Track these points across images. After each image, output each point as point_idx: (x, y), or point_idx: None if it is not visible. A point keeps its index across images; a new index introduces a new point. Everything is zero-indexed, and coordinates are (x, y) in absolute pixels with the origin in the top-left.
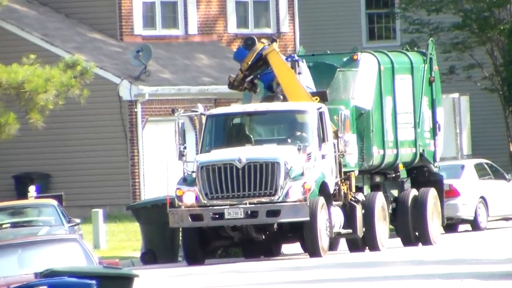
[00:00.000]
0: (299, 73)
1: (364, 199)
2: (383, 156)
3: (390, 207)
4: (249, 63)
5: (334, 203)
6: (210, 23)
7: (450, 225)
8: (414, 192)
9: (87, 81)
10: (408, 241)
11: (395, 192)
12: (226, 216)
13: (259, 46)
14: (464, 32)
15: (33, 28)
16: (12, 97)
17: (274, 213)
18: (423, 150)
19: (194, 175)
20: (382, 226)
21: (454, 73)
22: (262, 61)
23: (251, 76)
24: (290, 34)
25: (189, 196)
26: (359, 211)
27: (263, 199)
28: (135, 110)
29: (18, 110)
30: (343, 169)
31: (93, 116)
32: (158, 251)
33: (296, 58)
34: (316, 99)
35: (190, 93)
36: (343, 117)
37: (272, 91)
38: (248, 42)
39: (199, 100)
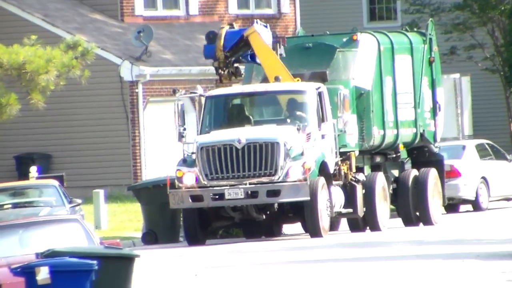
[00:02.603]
0: (280, 55)
1: (364, 179)
2: (383, 137)
3: (391, 188)
4: (221, 48)
5: (334, 183)
6: (211, 3)
7: (451, 206)
8: (414, 172)
9: (88, 62)
10: (409, 221)
11: (395, 173)
12: (226, 197)
13: (222, 31)
14: (465, 13)
15: (34, 9)
16: (13, 77)
17: (274, 193)
18: (423, 130)
19: (194, 156)
20: (383, 206)
21: (455, 54)
22: (243, 43)
23: (233, 58)
24: (291, 15)
25: (189, 177)
26: (360, 191)
27: (263, 179)
28: (136, 90)
29: (19, 91)
30: (344, 149)
31: (94, 96)
32: (159, 231)
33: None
34: (298, 79)
35: (191, 74)
36: (342, 97)
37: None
38: (210, 36)
39: (200, 80)
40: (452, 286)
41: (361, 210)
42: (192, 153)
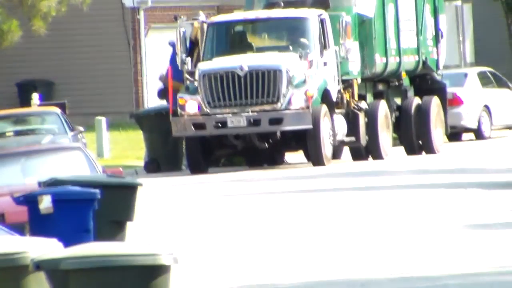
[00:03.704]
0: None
1: (367, 107)
2: (386, 64)
3: (394, 116)
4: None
5: (336, 111)
6: None
7: (454, 134)
8: (417, 100)
9: None
10: (411, 150)
11: (398, 100)
12: (229, 125)
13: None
14: None
15: None
16: (15, 4)
17: (277, 121)
18: (425, 58)
19: (196, 83)
20: (385, 135)
21: None
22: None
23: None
24: None
25: (192, 105)
26: (362, 119)
27: (266, 107)
28: (138, 17)
29: (20, 17)
30: (346, 77)
31: (95, 23)
32: (161, 159)
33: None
34: None
35: (193, 0)
36: (344, 24)
37: None
38: (161, 94)
39: (202, 7)
40: (455, 214)
41: (363, 138)
42: (194, 80)
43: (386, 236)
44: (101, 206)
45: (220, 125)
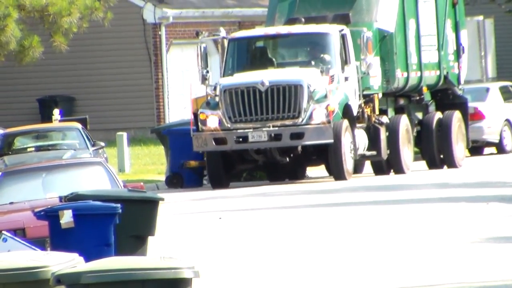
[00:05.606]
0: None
1: (388, 121)
2: (407, 79)
3: (415, 130)
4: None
5: (358, 125)
6: None
7: (475, 148)
8: (438, 115)
9: (111, 4)
10: (433, 164)
11: (419, 115)
12: (250, 139)
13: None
14: None
15: None
16: (36, 20)
17: (298, 135)
18: (447, 73)
19: (217, 99)
20: (406, 149)
21: None
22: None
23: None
24: None
25: (213, 120)
26: (383, 134)
27: (287, 122)
28: (159, 33)
29: (42, 33)
30: (367, 92)
31: (117, 39)
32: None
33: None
34: None
35: (214, 16)
36: (365, 39)
37: None
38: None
39: (223, 23)
40: (476, 228)
41: (385, 152)
42: (216, 95)
43: (406, 250)
44: (122, 221)
45: (241, 139)
